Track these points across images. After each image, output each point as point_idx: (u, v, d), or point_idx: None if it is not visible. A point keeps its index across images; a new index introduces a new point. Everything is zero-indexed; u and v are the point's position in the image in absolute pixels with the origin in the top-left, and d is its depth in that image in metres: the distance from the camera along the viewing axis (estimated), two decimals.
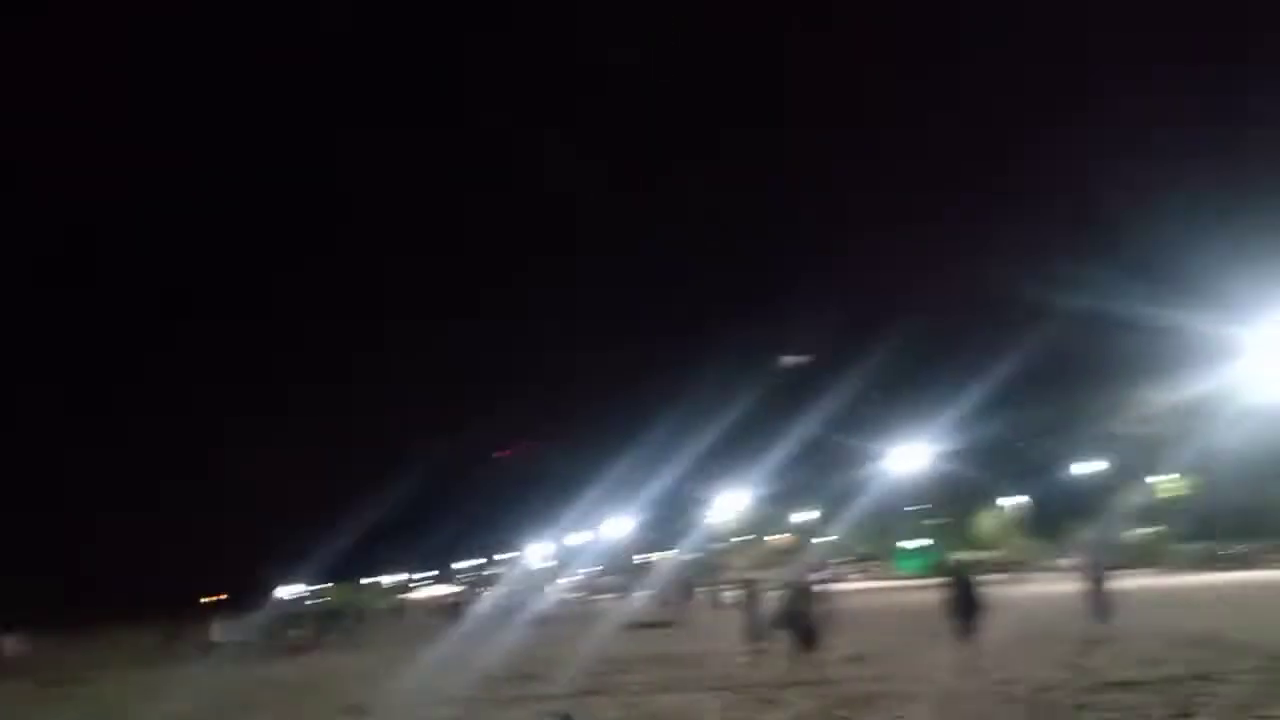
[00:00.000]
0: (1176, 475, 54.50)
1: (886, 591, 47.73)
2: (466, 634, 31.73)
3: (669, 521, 75.11)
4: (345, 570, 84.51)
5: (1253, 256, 47.36)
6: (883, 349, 55.79)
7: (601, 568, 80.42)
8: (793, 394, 58.92)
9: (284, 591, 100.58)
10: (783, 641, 15.94)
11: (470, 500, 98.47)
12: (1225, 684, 11.97)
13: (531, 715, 13.69)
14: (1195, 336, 52.11)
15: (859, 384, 57.28)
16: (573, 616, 39.49)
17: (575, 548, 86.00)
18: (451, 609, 49.84)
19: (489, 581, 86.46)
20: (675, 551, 70.27)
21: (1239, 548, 55.03)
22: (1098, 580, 19.74)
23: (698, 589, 44.02)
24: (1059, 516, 66.01)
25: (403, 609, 73.69)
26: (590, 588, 71.26)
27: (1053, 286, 49.60)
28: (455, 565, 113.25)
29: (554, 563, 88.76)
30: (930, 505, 72.91)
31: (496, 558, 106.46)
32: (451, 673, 19.50)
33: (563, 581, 73.44)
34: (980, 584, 16.79)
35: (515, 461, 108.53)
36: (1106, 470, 63.43)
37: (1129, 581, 27.12)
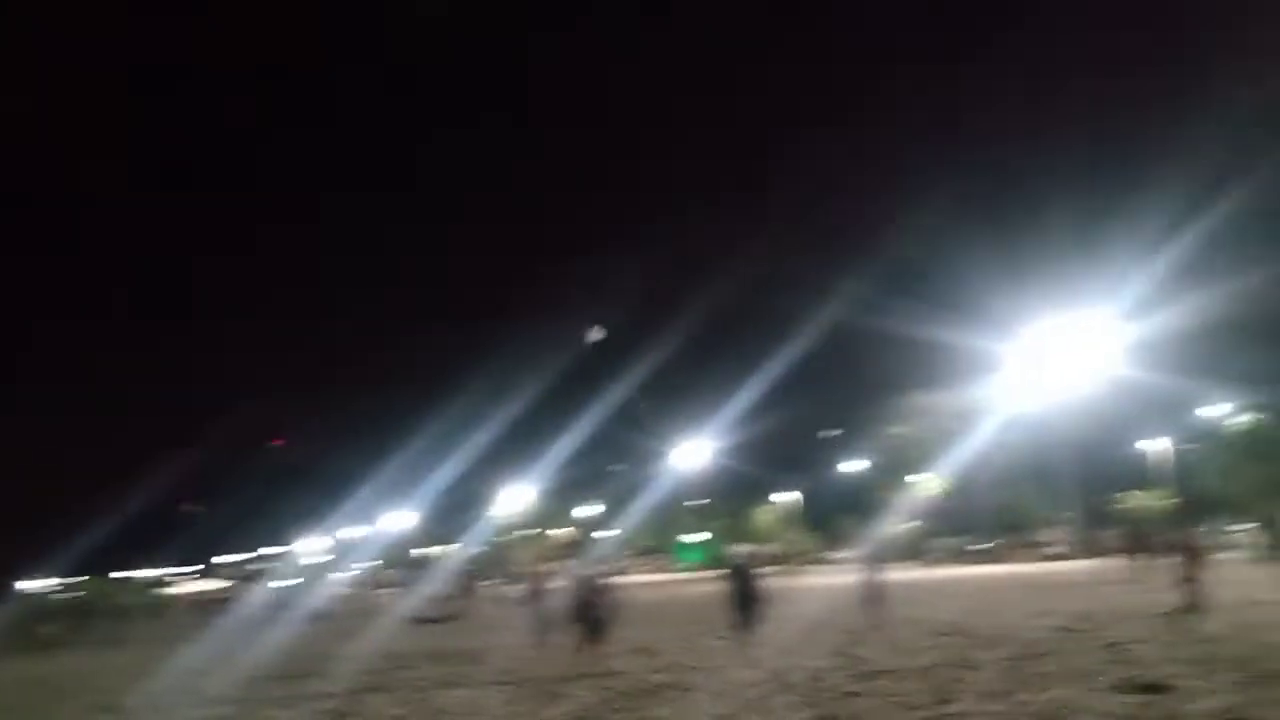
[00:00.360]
0: (935, 475, 57.79)
1: (669, 584, 48.64)
2: (234, 631, 30.24)
3: (451, 515, 73.96)
4: (100, 563, 78.99)
5: (1012, 276, 50.96)
6: (663, 346, 56.60)
7: (381, 562, 78.46)
8: (576, 390, 59.00)
9: (30, 585, 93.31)
10: (568, 635, 15.92)
11: (240, 491, 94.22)
12: (980, 671, 12.73)
13: (306, 715, 13.14)
14: (958, 349, 55.71)
15: (640, 382, 58.00)
16: (350, 612, 38.33)
17: (353, 541, 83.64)
18: (217, 605, 47.52)
19: (259, 576, 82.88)
20: (458, 545, 69.29)
21: (990, 543, 59.15)
22: (869, 573, 20.66)
23: (481, 583, 43.58)
24: (831, 512, 69.15)
25: (164, 605, 69.62)
26: (369, 583, 69.44)
27: (825, 295, 51.83)
28: (222, 559, 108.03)
29: (330, 557, 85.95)
30: (710, 500, 74.86)
31: (268, 552, 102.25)
32: (218, 672, 18.50)
33: (339, 576, 71.17)
34: (758, 576, 17.27)
35: (289, 451, 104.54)
36: (873, 469, 66.86)
37: (894, 575, 28.59)
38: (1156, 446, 61.73)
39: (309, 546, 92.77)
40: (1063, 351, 51.46)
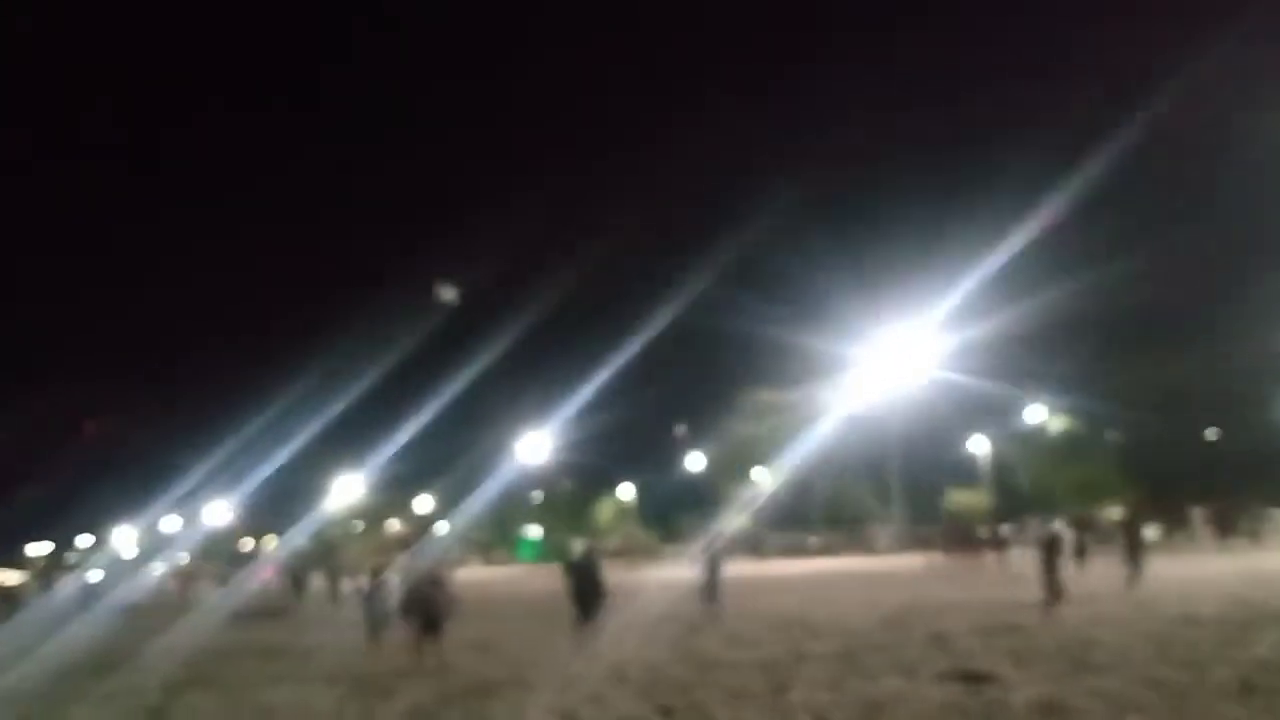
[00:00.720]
0: (773, 471, 59.10)
1: (508, 579, 48.25)
2: (40, 625, 28.43)
3: (279, 505, 71.49)
4: None
5: (853, 280, 52.60)
6: (504, 338, 55.96)
7: (202, 553, 75.29)
8: (413, 380, 57.71)
9: None
10: (403, 631, 15.51)
11: (47, 477, 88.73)
12: (814, 661, 12.99)
13: (119, 712, 12.39)
14: (797, 349, 57.14)
15: (480, 373, 57.12)
16: (168, 606, 36.55)
17: (172, 531, 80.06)
18: (20, 597, 44.63)
19: (68, 568, 78.45)
20: (286, 537, 67.05)
21: (823, 538, 60.86)
22: (707, 567, 20.88)
23: (310, 577, 42.25)
24: (670, 506, 70.03)
25: None
26: (189, 575, 66.53)
27: (669, 290, 52.34)
28: (28, 549, 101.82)
29: (147, 548, 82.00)
30: (550, 494, 74.76)
31: (80, 542, 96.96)
32: (19, 667, 17.30)
33: (157, 568, 67.96)
34: (599, 571, 17.23)
35: (101, 436, 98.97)
36: (713, 464, 67.94)
37: (732, 569, 29.03)
38: (979, 447, 64.75)
39: (124, 537, 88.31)
40: (896, 354, 53.35)
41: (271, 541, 74.23)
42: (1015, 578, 28.16)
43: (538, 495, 74.68)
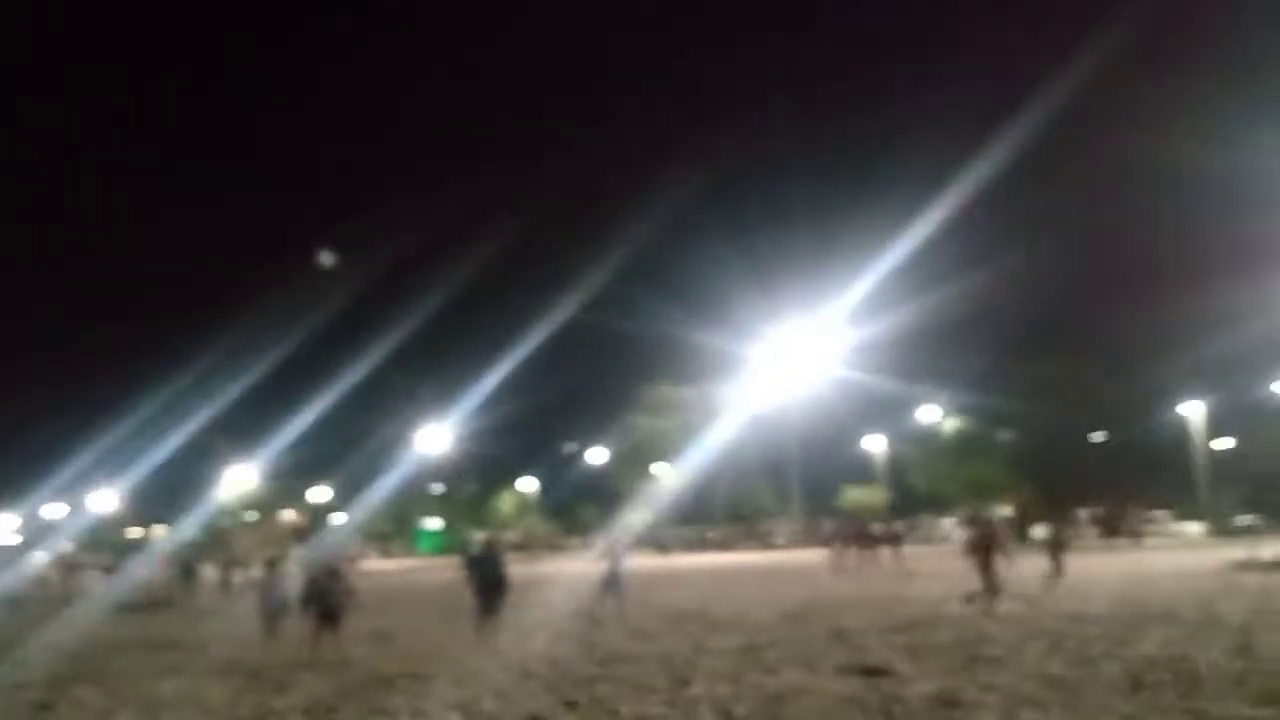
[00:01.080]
0: (675, 466, 59.45)
1: (407, 571, 47.67)
2: None
3: (169, 493, 69.31)
4: None
5: (754, 278, 53.19)
6: (405, 327, 55.11)
7: (87, 542, 72.75)
8: (311, 366, 56.41)
9: None
10: (299, 623, 15.19)
11: None
12: (715, 655, 13.11)
13: (1, 707, 11.91)
14: (702, 345, 57.62)
15: (380, 361, 56.15)
16: (50, 597, 35.29)
17: (55, 520, 77.17)
18: None
19: None
20: (176, 526, 65.16)
21: (723, 533, 61.44)
22: (609, 560, 20.90)
23: (201, 568, 41.17)
24: (572, 500, 70.04)
25: None
26: (74, 564, 64.22)
27: (573, 284, 52.17)
28: None
29: (28, 536, 78.95)
30: (450, 485, 74.05)
31: None
32: None
33: (38, 557, 65.45)
34: (500, 563, 17.11)
35: None
36: (615, 459, 68.10)
37: (633, 562, 29.12)
38: (876, 445, 66.09)
39: (4, 524, 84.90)
40: (796, 352, 54.12)
41: (160, 530, 72.06)
42: (910, 574, 28.84)
43: (438, 487, 73.92)
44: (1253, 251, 47.61)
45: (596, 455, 69.93)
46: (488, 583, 16.45)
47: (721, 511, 64.12)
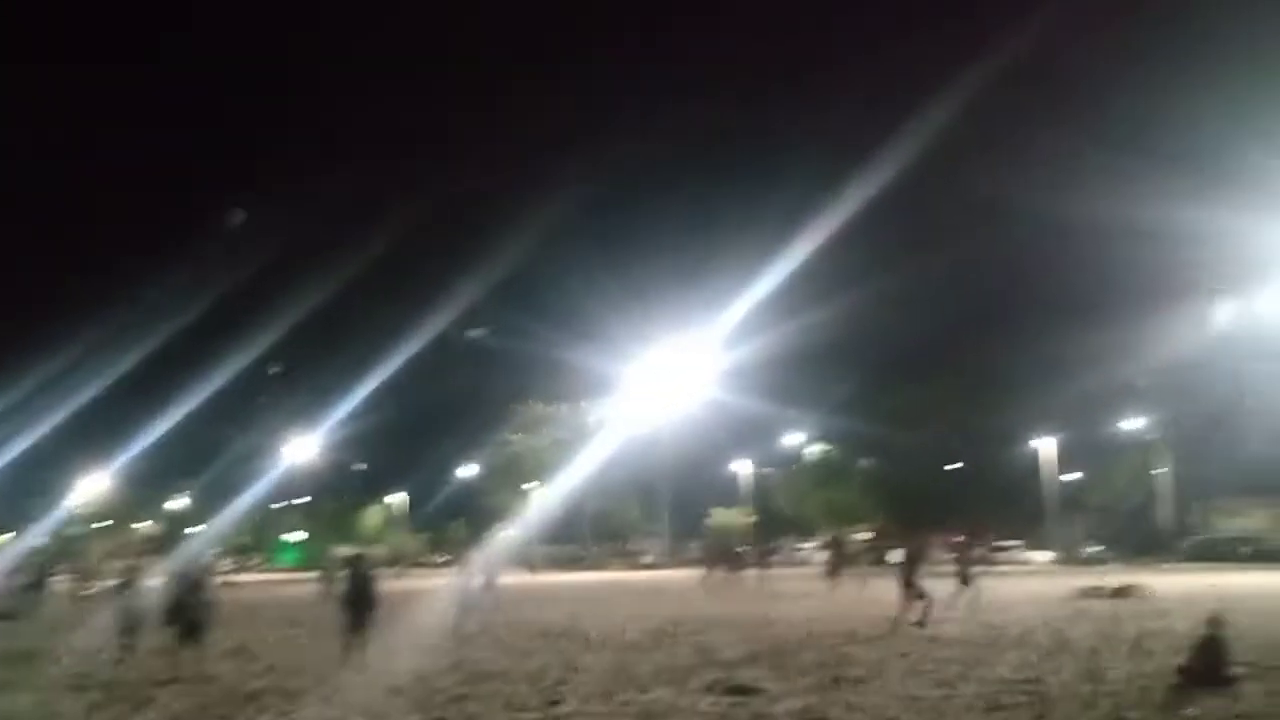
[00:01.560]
0: (545, 484, 59.36)
1: (269, 584, 46.45)
2: None
3: (16, 501, 65.83)
4: None
5: (629, 300, 53.67)
6: (268, 337, 53.56)
7: None
8: (170, 373, 54.29)
9: None
10: (157, 637, 14.74)
11: None
12: (585, 673, 13.23)
13: None
14: (577, 365, 57.88)
15: (247, 367, 54.56)
16: None
17: None
18: None
19: None
20: (22, 534, 61.91)
21: (592, 551, 61.58)
22: (478, 577, 20.85)
23: (51, 578, 39.29)
24: (441, 515, 69.17)
25: None
26: None
27: (445, 299, 51.62)
28: None
29: None
30: (314, 497, 72.38)
31: None
32: None
33: None
34: (369, 578, 16.86)
35: None
36: (486, 474, 67.65)
37: (502, 579, 28.99)
38: (742, 468, 67.21)
39: None
40: (670, 374, 54.70)
41: (4, 539, 68.40)
42: (776, 594, 29.43)
43: (303, 499, 72.16)
44: (1108, 298, 50.28)
45: (468, 471, 69.30)
46: (356, 598, 16.21)
47: (590, 530, 64.25)
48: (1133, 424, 57.39)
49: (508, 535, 48.76)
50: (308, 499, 71.63)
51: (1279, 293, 43.77)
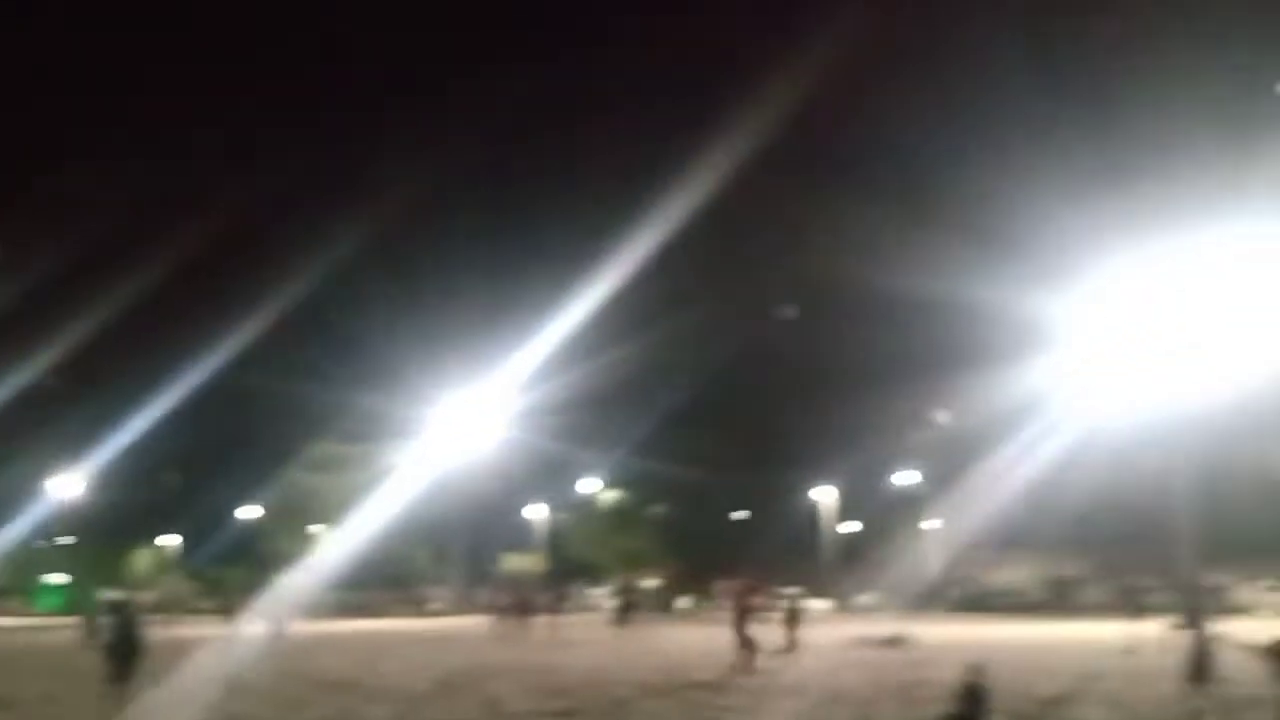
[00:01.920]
0: (330, 527, 57.60)
1: (25, 630, 43.25)
2: None
3: None
4: None
5: (427, 344, 53.13)
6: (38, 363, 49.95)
7: None
8: None
9: None
10: None
11: None
12: None
13: None
14: (370, 410, 56.81)
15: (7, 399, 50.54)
16: None
17: None
18: None
19: None
20: None
21: (378, 597, 60.07)
22: (254, 625, 20.20)
23: None
24: (216, 559, 65.92)
25: None
26: None
27: (220, 337, 49.43)
28: None
29: None
30: (79, 537, 67.72)
31: None
32: None
33: None
34: (136, 624, 16.12)
35: None
36: (267, 517, 65.07)
37: (280, 627, 28.05)
38: (537, 513, 67.23)
39: None
40: (464, 416, 54.35)
41: None
42: (565, 642, 29.59)
43: (66, 539, 67.41)
44: (889, 367, 53.08)
45: (249, 512, 66.43)
46: (121, 645, 15.47)
47: (377, 576, 62.62)
48: (908, 479, 60.64)
49: (290, 581, 47.12)
50: (72, 539, 66.96)
51: (1050, 361, 47.19)
